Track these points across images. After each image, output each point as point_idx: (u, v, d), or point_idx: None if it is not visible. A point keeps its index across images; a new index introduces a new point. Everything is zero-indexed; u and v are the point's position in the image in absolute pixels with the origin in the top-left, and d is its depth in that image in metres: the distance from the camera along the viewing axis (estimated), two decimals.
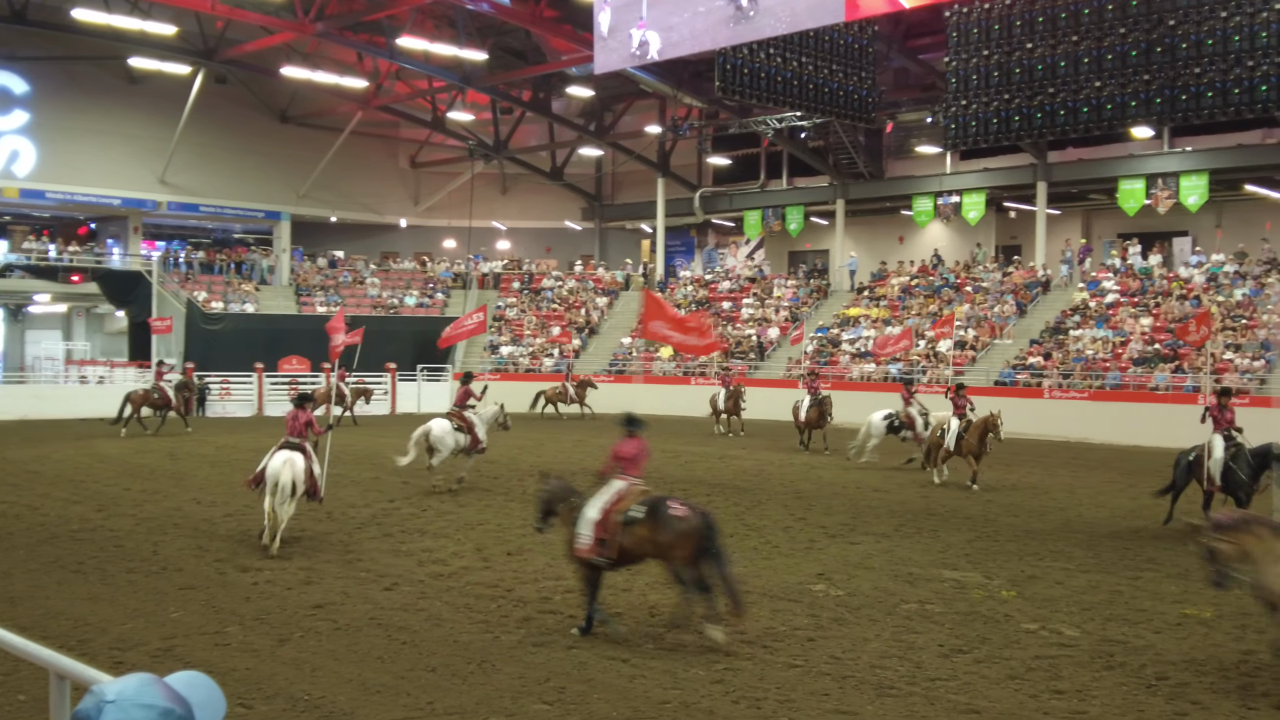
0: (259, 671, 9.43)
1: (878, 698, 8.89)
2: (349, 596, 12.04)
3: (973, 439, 21.49)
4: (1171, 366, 32.91)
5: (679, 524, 10.10)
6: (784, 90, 28.05)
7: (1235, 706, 8.73)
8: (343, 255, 51.60)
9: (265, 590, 12.35)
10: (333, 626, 10.86)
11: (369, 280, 49.16)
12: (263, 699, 8.75)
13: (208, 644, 10.21)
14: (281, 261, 49.11)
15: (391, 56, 41.81)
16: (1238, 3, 24.82)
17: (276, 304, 46.21)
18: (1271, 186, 38.91)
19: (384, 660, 9.79)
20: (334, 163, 49.25)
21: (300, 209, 50.22)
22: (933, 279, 43.49)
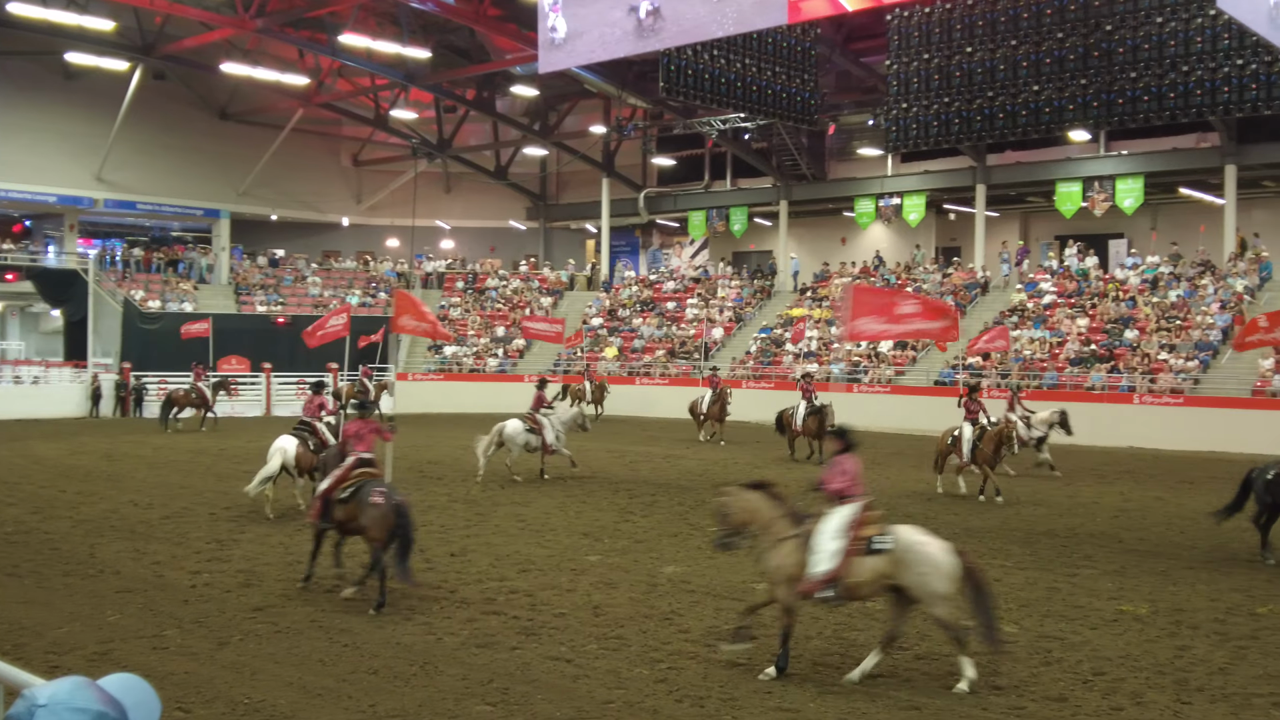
0: (198, 675, 9.33)
1: (820, 695, 8.97)
2: (289, 599, 11.93)
3: (987, 448, 19.99)
4: (1107, 367, 33.47)
5: (372, 510, 11.46)
6: (728, 92, 28.14)
7: (1170, 701, 8.90)
8: (283, 254, 51.04)
9: (204, 593, 12.21)
10: (273, 629, 10.76)
11: (310, 279, 48.69)
12: (202, 702, 8.66)
13: (146, 647, 10.08)
14: (221, 260, 48.50)
15: (333, 53, 41.47)
16: (1173, 8, 25.26)
17: (216, 303, 45.61)
18: (1205, 190, 39.74)
19: (325, 663, 9.72)
20: (275, 160, 48.71)
21: (240, 207, 49.62)
22: (874, 280, 43.86)
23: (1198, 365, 32.37)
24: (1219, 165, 36.83)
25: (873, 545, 9.23)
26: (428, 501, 19.04)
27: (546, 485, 21.44)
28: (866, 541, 9.23)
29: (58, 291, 43.66)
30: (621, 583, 12.83)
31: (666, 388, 40.40)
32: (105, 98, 43.87)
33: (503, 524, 16.84)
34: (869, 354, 38.63)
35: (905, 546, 9.22)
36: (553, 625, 10.91)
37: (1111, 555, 15.03)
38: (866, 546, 9.20)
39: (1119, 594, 12.66)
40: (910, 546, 9.24)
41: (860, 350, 38.93)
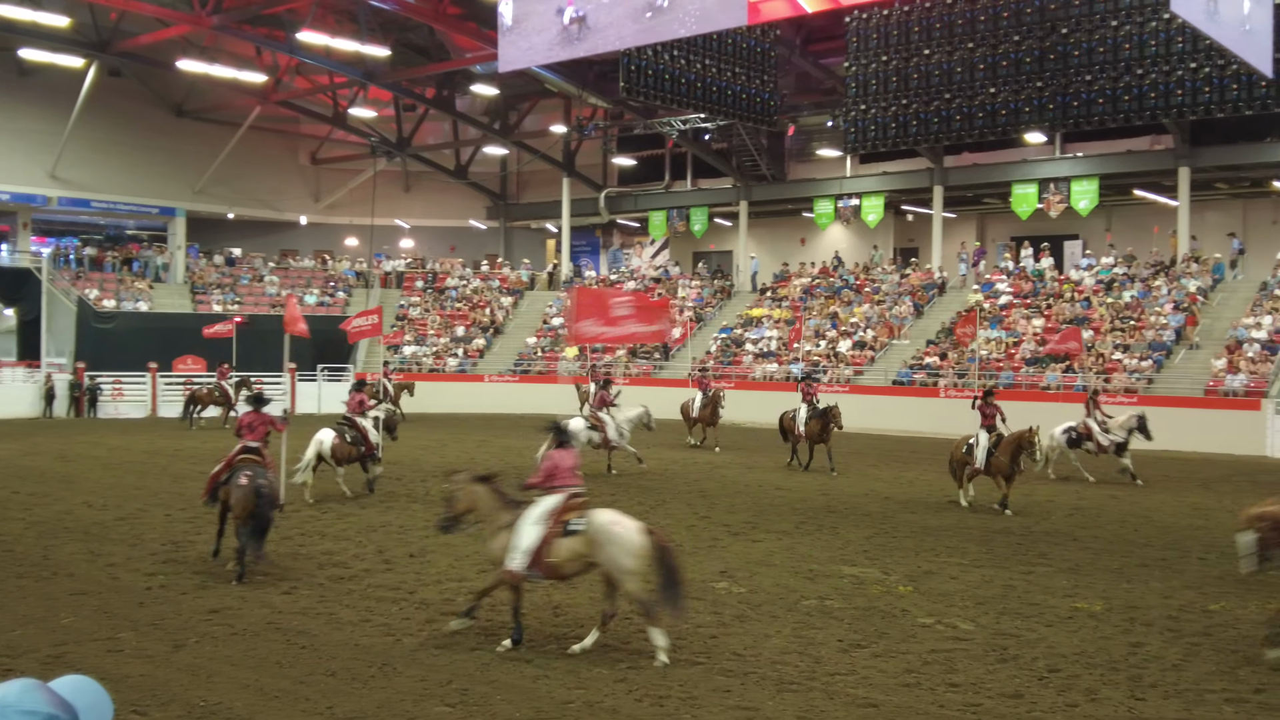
0: (153, 678, 9.25)
1: (778, 693, 9.02)
2: (246, 601, 11.85)
3: (1004, 457, 18.71)
4: (1062, 366, 33.83)
5: (236, 490, 12.53)
6: (688, 92, 28.21)
7: (1124, 697, 9.02)
8: (240, 253, 50.59)
9: (159, 595, 12.10)
10: (229, 631, 10.69)
11: (268, 278, 48.28)
12: (157, 706, 8.59)
13: (100, 650, 9.98)
14: (176, 259, 47.98)
15: (291, 51, 41.15)
16: (1127, 12, 25.57)
17: (171, 302, 45.14)
18: (1159, 191, 40.27)
19: (282, 665, 9.66)
20: (231, 158, 48.28)
21: (196, 205, 49.13)
22: (833, 280, 44.14)
23: (1151, 365, 32.79)
24: (1172, 167, 37.33)
25: (569, 527, 10.14)
26: (386, 502, 18.96)
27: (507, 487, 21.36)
28: (564, 524, 10.16)
29: (11, 290, 43.04)
30: (581, 582, 12.80)
31: (628, 388, 40.38)
32: (60, 94, 43.30)
33: None
34: (828, 354, 38.84)
35: (597, 528, 10.07)
36: (512, 625, 10.88)
37: (1066, 553, 15.21)
38: (564, 529, 10.14)
39: (1074, 591, 12.81)
40: (602, 527, 10.06)
41: (819, 350, 39.14)
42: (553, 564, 10.13)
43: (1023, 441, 18.57)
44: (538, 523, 10.19)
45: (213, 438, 29.21)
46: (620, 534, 9.97)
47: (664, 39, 22.17)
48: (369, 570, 13.39)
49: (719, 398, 29.33)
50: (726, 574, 13.42)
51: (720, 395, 29.53)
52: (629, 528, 10.03)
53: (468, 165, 53.27)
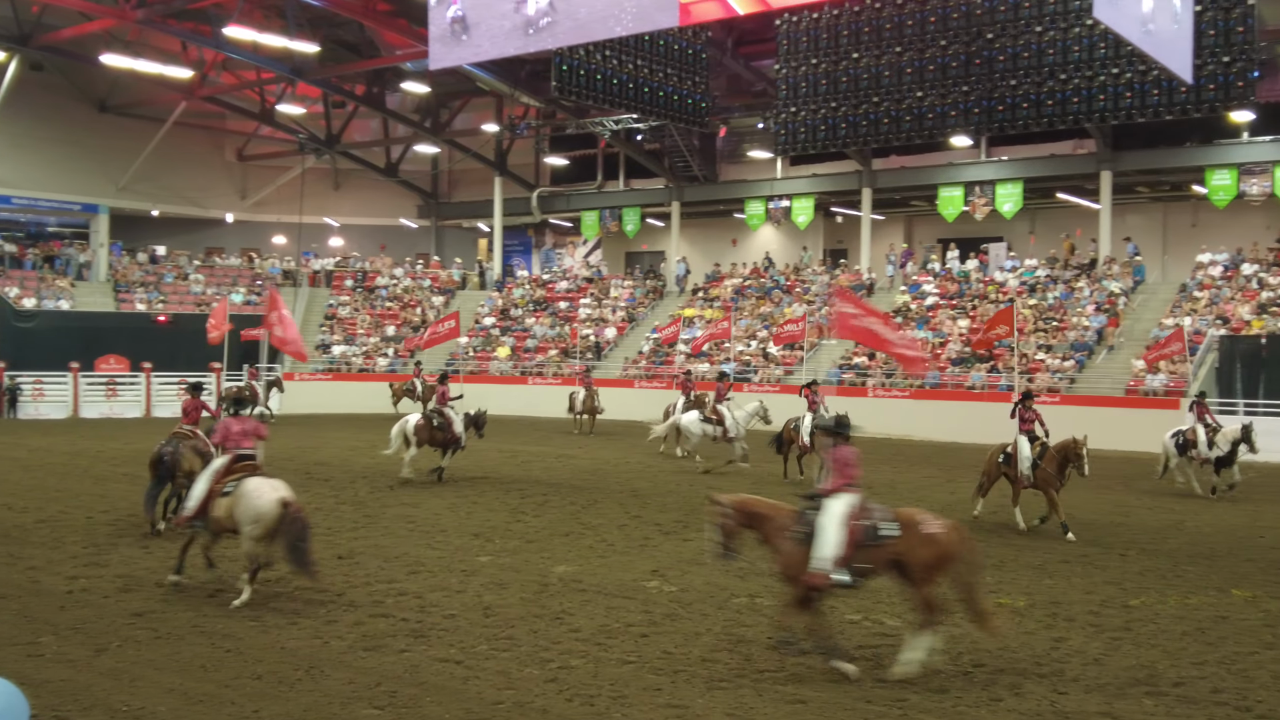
0: (75, 682, 9.08)
1: (708, 691, 9.07)
2: (170, 604, 11.67)
3: (1050, 468, 16.86)
4: (987, 366, 34.38)
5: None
6: (620, 92, 28.26)
7: (1047, 692, 9.19)
8: (165, 251, 49.70)
9: (81, 599, 11.87)
10: (153, 635, 10.52)
11: (193, 277, 47.51)
12: (79, 710, 8.44)
13: (20, 655, 9.76)
14: (99, 256, 47.04)
15: (218, 46, 40.53)
16: (1051, 18, 26.04)
17: (94, 301, 44.25)
18: (1081, 195, 41.10)
19: (207, 669, 9.53)
20: (156, 154, 47.46)
21: (120, 202, 48.21)
22: (764, 281, 44.46)
23: (1074, 365, 33.44)
24: (1095, 171, 38.12)
25: (225, 490, 11.70)
26: (314, 504, 18.75)
27: (438, 487, 21.25)
28: (224, 485, 11.77)
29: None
30: (512, 583, 12.81)
31: (560, 387, 40.34)
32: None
33: (392, 526, 16.67)
34: (759, 354, 39.09)
35: (241, 491, 11.52)
36: (442, 627, 10.85)
37: (991, 549, 15.45)
38: (222, 490, 11.74)
39: (998, 587, 13.02)
40: (244, 491, 11.49)
41: (751, 350, 39.39)
42: (213, 519, 11.79)
43: (1069, 452, 16.71)
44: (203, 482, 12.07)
45: (81, 441, 28.68)
46: (254, 499, 11.37)
47: (598, 39, 22.17)
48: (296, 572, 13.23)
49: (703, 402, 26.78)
50: (658, 573, 13.47)
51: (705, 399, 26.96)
52: (265, 496, 11.36)
53: (398, 163, 52.84)
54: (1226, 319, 32.99)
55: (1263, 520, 18.67)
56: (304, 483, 20.89)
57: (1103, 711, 8.74)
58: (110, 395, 37.60)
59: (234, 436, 12.32)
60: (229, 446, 12.28)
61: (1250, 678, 9.61)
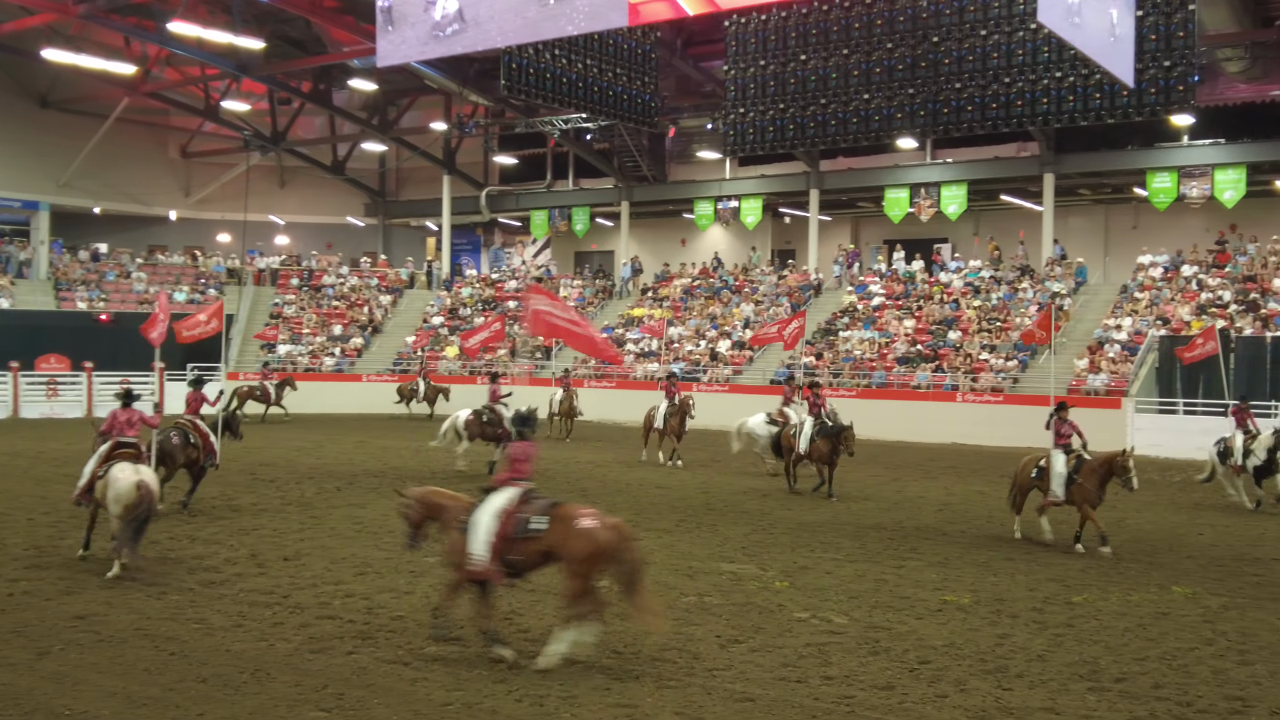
0: (16, 686, 8.94)
1: (657, 690, 9.10)
2: (113, 606, 11.50)
3: (1090, 484, 15.46)
4: (932, 366, 34.72)
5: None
6: (569, 92, 28.17)
7: (991, 688, 9.31)
8: (107, 249, 48.90)
9: (22, 601, 11.67)
10: (95, 638, 10.37)
11: (135, 275, 46.80)
12: (20, 714, 8.32)
13: None
14: (39, 254, 46.17)
15: (162, 42, 39.91)
16: (996, 22, 26.29)
17: (34, 299, 43.44)
18: (1025, 197, 41.66)
19: (151, 672, 9.41)
20: (98, 151, 46.70)
21: (61, 199, 47.36)
22: (713, 281, 44.61)
23: (1017, 365, 33.86)
24: (1038, 174, 38.65)
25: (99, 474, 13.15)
26: (260, 505, 18.57)
27: (386, 490, 21.09)
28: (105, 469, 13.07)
29: None
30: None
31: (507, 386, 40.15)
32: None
33: (339, 527, 16.54)
34: (708, 353, 39.21)
35: (110, 475, 12.86)
36: (390, 628, 10.79)
37: (936, 547, 15.63)
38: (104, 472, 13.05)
39: (943, 584, 13.17)
40: (111, 474, 12.81)
41: (700, 350, 39.49)
42: (95, 498, 13.23)
43: (1115, 466, 15.29)
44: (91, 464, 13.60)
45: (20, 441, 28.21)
46: (117, 482, 12.65)
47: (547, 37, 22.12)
48: (241, 574, 13.11)
49: (689, 405, 25.69)
50: None
51: (689, 402, 25.89)
52: (127, 479, 12.57)
53: (345, 161, 52.38)
54: (1167, 320, 33.55)
55: (1202, 517, 19.02)
56: (249, 484, 20.71)
57: (1046, 707, 8.86)
58: (51, 395, 36.92)
59: (119, 425, 13.85)
60: (114, 434, 13.77)
61: (1190, 673, 9.79)
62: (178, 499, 17.54)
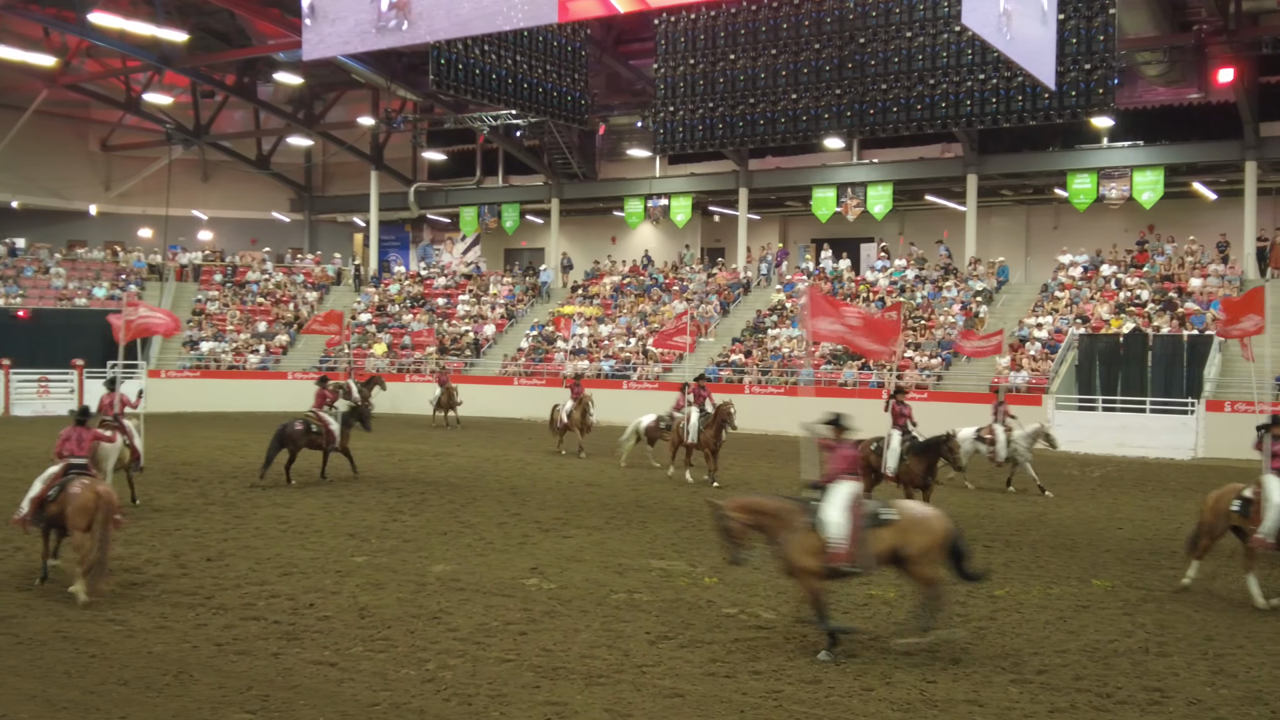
0: None
1: (587, 687, 9.10)
2: (31, 609, 11.26)
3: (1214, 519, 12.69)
4: (858, 364, 35.09)
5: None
6: (499, 88, 28.04)
7: (916, 680, 9.44)
8: (24, 244, 47.71)
9: None
10: (14, 641, 10.15)
11: (54, 270, 45.72)
12: None
13: None
14: None
15: (82, 33, 39.04)
16: (921, 24, 26.62)
17: None
18: (949, 197, 42.29)
19: (71, 675, 9.24)
20: (15, 144, 45.60)
21: None
22: (643, 279, 44.68)
23: (940, 363, 34.34)
24: (961, 175, 39.25)
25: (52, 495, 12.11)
26: (182, 505, 18.28)
27: (313, 486, 20.85)
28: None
29: None
30: (389, 583, 12.66)
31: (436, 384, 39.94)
32: None
33: (263, 526, 16.32)
34: (638, 350, 39.25)
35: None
36: (316, 629, 10.68)
37: None
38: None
39: (869, 580, 13.30)
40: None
41: (630, 347, 39.53)
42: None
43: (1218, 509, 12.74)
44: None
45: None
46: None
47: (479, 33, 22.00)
48: (164, 575, 12.89)
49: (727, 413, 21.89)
50: (537, 570, 13.44)
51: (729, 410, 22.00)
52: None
53: (270, 155, 51.64)
54: (1086, 318, 34.24)
55: (1121, 512, 19.43)
56: (171, 483, 20.38)
57: (970, 699, 9.00)
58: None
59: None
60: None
61: (1110, 665, 10.00)
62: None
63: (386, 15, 17.31)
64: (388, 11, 17.34)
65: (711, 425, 21.85)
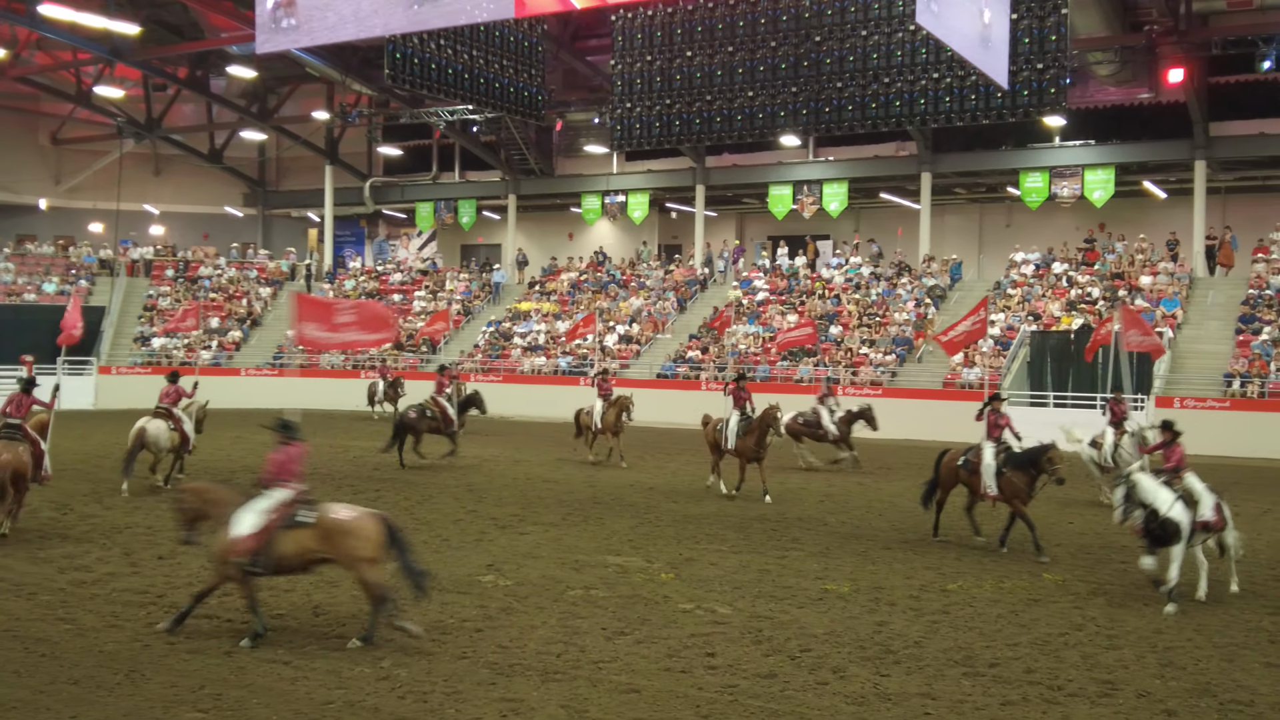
0: None
1: (543, 683, 9.11)
2: None
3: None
4: (814, 360, 35.28)
5: None
6: (455, 83, 27.91)
7: (870, 674, 9.53)
8: None
9: None
10: None
11: (2, 265, 45.03)
12: None
13: None
14: None
15: (32, 24, 38.41)
16: (876, 22, 26.77)
17: None
18: (904, 195, 42.60)
19: (21, 674, 9.13)
20: None
21: None
22: (600, 275, 44.66)
23: (895, 359, 34.60)
24: (916, 173, 39.55)
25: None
26: (133, 503, 18.08)
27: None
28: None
29: None
30: (343, 581, 12.56)
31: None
32: None
33: None
34: (595, 347, 39.23)
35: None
36: (269, 627, 10.59)
37: (817, 538, 15.91)
38: None
39: (824, 574, 13.43)
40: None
41: (587, 344, 39.49)
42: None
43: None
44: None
45: None
46: None
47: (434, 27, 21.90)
48: (114, 574, 12.75)
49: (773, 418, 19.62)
50: (493, 567, 13.43)
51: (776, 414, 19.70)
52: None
53: (223, 150, 51.08)
54: (1038, 315, 34.62)
55: (1072, 508, 19.66)
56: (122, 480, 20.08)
57: (923, 692, 9.10)
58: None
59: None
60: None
61: (1061, 658, 10.14)
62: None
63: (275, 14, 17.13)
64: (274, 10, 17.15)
65: (754, 432, 19.17)
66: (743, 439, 19.41)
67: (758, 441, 19.20)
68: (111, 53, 40.98)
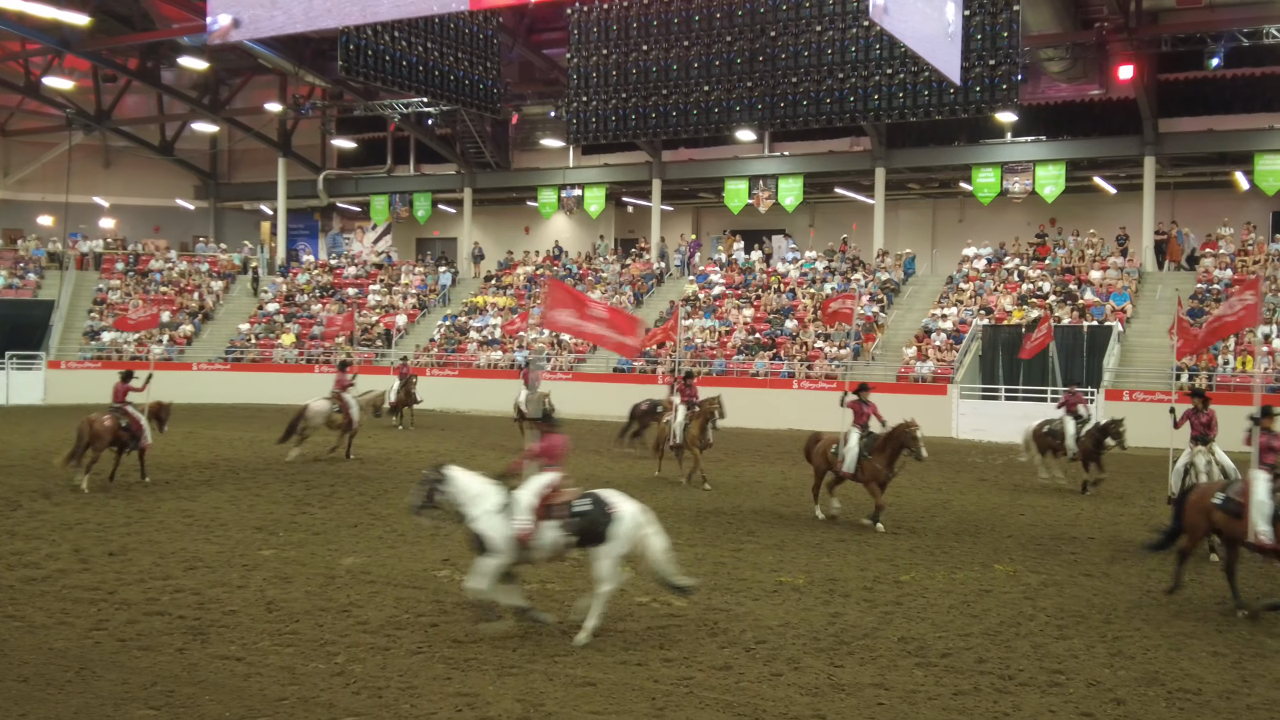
0: None
1: (499, 678, 9.10)
2: None
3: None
4: (770, 354, 35.45)
5: None
6: (410, 75, 27.78)
7: (824, 665, 9.60)
8: None
9: None
10: None
11: None
12: None
13: None
14: None
15: None
16: (830, 18, 26.94)
17: None
18: (858, 190, 42.91)
19: None
20: None
21: None
22: (556, 269, 44.58)
23: (849, 353, 34.81)
24: (870, 168, 39.82)
25: None
26: (83, 498, 17.87)
27: (218, 481, 20.51)
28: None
29: None
30: (297, 576, 12.52)
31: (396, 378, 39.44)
32: None
33: (168, 520, 16.02)
34: (551, 342, 39.19)
35: None
36: (222, 624, 10.52)
37: (772, 530, 16.00)
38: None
39: (779, 566, 13.51)
40: None
41: (544, 338, 39.44)
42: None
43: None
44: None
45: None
46: None
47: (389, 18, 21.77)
48: (64, 570, 12.60)
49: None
50: (449, 562, 13.39)
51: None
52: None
53: (174, 141, 50.49)
54: (990, 309, 34.97)
55: (1022, 499, 19.90)
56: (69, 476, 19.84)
57: (876, 683, 9.18)
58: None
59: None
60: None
61: (1012, 648, 10.26)
62: None
63: None
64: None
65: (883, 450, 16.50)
66: (869, 460, 16.60)
67: (889, 461, 16.49)
68: (60, 43, 40.40)
